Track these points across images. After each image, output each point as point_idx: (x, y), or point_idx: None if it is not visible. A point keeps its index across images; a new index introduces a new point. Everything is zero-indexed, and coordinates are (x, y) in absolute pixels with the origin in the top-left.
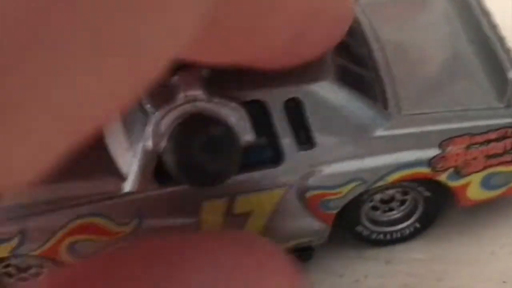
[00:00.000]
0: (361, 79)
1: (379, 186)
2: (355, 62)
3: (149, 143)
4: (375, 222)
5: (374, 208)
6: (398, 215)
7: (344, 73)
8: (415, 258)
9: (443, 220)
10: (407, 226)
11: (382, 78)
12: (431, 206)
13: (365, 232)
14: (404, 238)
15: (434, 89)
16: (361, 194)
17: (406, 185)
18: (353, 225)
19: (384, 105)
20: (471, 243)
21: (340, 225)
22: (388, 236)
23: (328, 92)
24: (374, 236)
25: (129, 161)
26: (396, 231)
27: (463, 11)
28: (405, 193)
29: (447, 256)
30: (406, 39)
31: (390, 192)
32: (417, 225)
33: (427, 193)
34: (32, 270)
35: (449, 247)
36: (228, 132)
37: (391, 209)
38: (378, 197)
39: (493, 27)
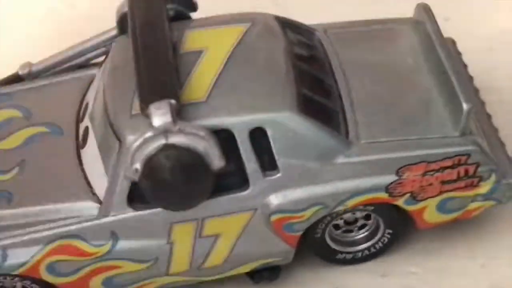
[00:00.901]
0: (324, 109)
1: (339, 211)
2: (319, 91)
3: (125, 171)
4: (338, 242)
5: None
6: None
7: (308, 103)
8: (410, 271)
9: (437, 234)
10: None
11: (344, 107)
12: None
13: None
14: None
15: (392, 119)
16: (324, 217)
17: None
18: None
19: (345, 133)
20: (464, 255)
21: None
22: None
23: (291, 122)
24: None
25: (105, 186)
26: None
27: (427, 43)
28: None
29: (441, 269)
30: (369, 70)
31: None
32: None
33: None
34: None
35: (443, 260)
36: (199, 159)
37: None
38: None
39: (456, 56)
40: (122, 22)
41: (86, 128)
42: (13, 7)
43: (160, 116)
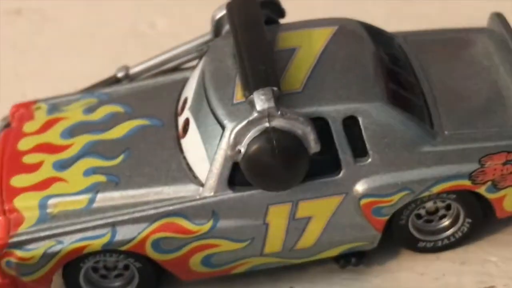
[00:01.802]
0: (409, 102)
1: (425, 196)
2: (403, 87)
3: (228, 153)
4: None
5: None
6: (441, 225)
7: (395, 96)
8: (488, 259)
9: None
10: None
11: (428, 102)
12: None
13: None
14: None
15: (473, 112)
16: (409, 204)
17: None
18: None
19: (430, 125)
20: None
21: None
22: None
23: (382, 112)
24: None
25: (207, 169)
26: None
27: (502, 48)
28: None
29: None
30: (448, 70)
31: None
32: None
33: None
34: (115, 272)
35: None
36: (298, 143)
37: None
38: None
39: None
40: (218, 26)
41: (187, 120)
42: (96, 26)
43: (264, 101)
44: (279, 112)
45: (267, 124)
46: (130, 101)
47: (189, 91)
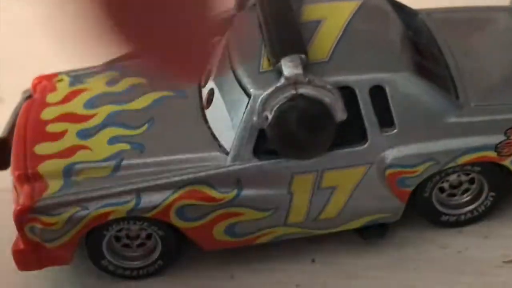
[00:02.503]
0: (434, 74)
1: (450, 167)
2: (429, 60)
3: (255, 120)
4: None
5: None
6: (465, 199)
7: (421, 67)
8: (509, 234)
9: None
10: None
11: (452, 74)
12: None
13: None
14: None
15: (498, 85)
16: (433, 175)
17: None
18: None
19: (456, 97)
20: None
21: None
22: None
23: (408, 82)
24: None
25: (232, 138)
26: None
27: None
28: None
29: None
30: (472, 45)
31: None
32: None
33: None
34: (138, 241)
35: None
36: (325, 111)
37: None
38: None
39: None
40: (241, 0)
41: (211, 90)
42: None
43: (291, 68)
44: (306, 79)
45: (294, 91)
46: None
47: (214, 62)
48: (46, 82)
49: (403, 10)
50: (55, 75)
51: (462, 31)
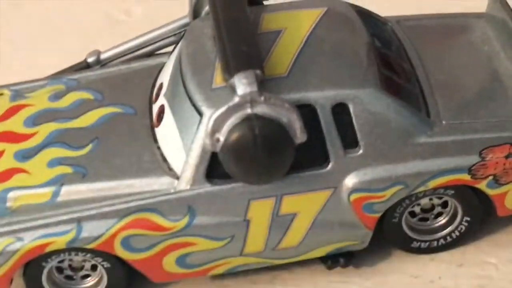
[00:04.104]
0: (403, 89)
1: (420, 191)
2: (397, 73)
3: (206, 142)
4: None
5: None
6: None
7: (388, 82)
8: (487, 261)
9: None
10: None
11: (423, 89)
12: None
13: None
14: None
15: (473, 101)
16: (403, 200)
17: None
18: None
19: (426, 114)
20: None
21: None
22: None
23: (374, 98)
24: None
25: (183, 160)
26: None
27: (504, 33)
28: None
29: None
30: (445, 57)
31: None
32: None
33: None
34: (82, 272)
35: None
36: (283, 132)
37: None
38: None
39: None
40: (196, 8)
41: (162, 107)
42: (68, 14)
43: (246, 85)
44: (262, 98)
45: (249, 110)
46: (100, 87)
47: (165, 77)
48: None
49: (370, 19)
50: None
51: (434, 40)
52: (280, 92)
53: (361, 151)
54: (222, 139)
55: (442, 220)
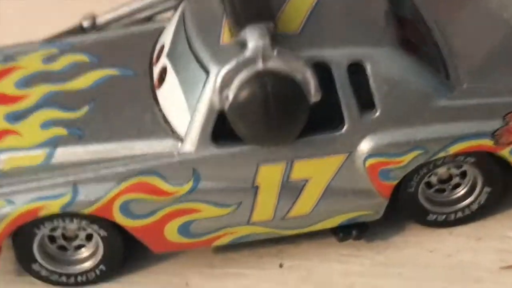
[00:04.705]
0: (422, 50)
1: (439, 158)
2: (416, 37)
3: (214, 100)
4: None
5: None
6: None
7: (406, 43)
8: (506, 235)
9: None
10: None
11: (443, 53)
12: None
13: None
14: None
15: (494, 65)
16: (420, 168)
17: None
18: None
19: (446, 76)
20: None
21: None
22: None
23: (392, 58)
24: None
25: (187, 121)
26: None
27: None
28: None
29: None
30: (463, 22)
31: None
32: None
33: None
34: (76, 242)
35: None
36: (297, 89)
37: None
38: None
39: None
40: None
41: (164, 68)
42: None
43: (257, 38)
44: (275, 52)
45: (261, 65)
46: (97, 50)
47: (167, 38)
48: None
49: None
50: None
51: (451, 7)
52: (292, 50)
53: (378, 114)
54: (231, 96)
55: (461, 191)
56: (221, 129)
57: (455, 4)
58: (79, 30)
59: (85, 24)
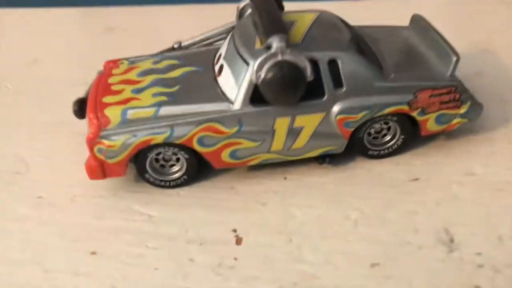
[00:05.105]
0: (369, 56)
1: (378, 116)
2: (365, 49)
3: (252, 78)
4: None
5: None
6: (384, 140)
7: (361, 51)
8: (412, 163)
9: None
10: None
11: (379, 58)
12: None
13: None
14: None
15: (409, 66)
16: (367, 121)
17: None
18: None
19: (381, 70)
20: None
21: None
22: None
23: (352, 58)
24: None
25: (235, 93)
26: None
27: (421, 34)
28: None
29: (435, 163)
30: (389, 45)
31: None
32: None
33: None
34: (170, 163)
35: (440, 157)
36: (300, 72)
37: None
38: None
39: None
40: (241, 13)
41: (221, 66)
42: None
43: (278, 42)
44: (288, 50)
45: (280, 57)
46: (182, 58)
47: (222, 49)
48: (112, 64)
49: (344, 21)
50: (119, 59)
51: (380, 37)
52: (297, 51)
53: (344, 89)
54: (262, 76)
55: (387, 138)
56: (255, 96)
57: (382, 35)
58: (172, 49)
59: (175, 45)
